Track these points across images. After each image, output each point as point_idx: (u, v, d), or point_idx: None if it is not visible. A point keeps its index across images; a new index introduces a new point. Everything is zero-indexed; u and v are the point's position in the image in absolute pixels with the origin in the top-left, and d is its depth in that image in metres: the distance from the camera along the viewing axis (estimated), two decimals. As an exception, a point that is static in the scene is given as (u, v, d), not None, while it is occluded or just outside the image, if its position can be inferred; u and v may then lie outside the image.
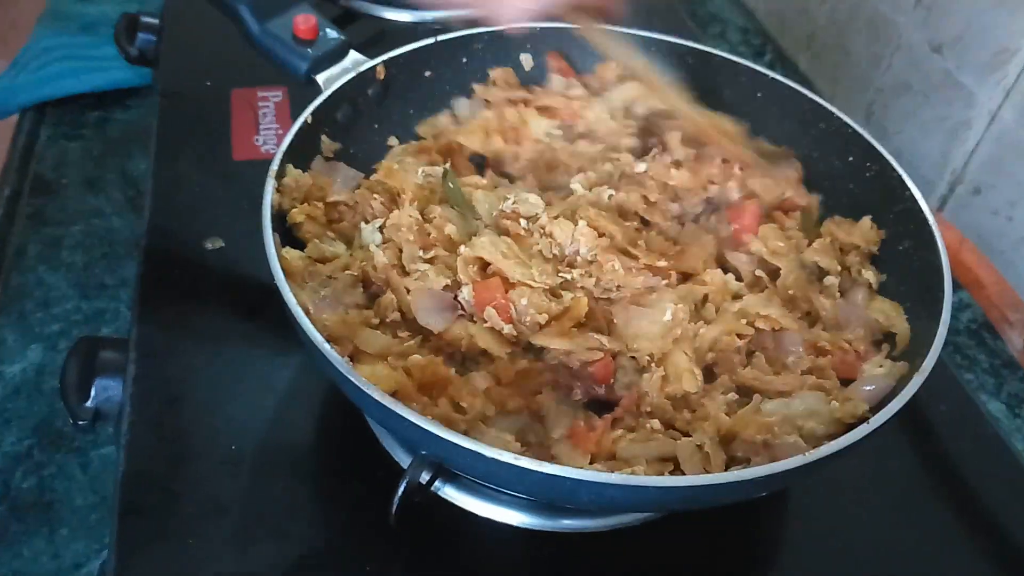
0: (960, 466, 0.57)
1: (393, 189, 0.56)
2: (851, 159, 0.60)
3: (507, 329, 0.48)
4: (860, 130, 0.60)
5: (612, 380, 0.49)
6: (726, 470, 0.43)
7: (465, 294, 0.49)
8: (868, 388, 0.47)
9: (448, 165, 0.57)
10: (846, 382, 0.49)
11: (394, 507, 0.43)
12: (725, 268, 0.55)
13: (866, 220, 0.58)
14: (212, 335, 0.58)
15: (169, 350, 0.56)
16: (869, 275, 0.55)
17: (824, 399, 0.46)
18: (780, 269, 0.54)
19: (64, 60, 0.84)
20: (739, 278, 0.54)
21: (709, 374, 0.50)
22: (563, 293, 0.49)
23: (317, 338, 0.40)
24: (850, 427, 0.45)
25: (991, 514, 0.54)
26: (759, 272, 0.54)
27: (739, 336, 0.50)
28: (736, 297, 0.53)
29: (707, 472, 0.42)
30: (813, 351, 0.50)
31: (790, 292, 0.53)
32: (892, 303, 0.54)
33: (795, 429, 0.45)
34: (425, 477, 0.44)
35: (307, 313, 0.42)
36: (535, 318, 0.48)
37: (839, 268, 0.55)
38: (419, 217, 0.53)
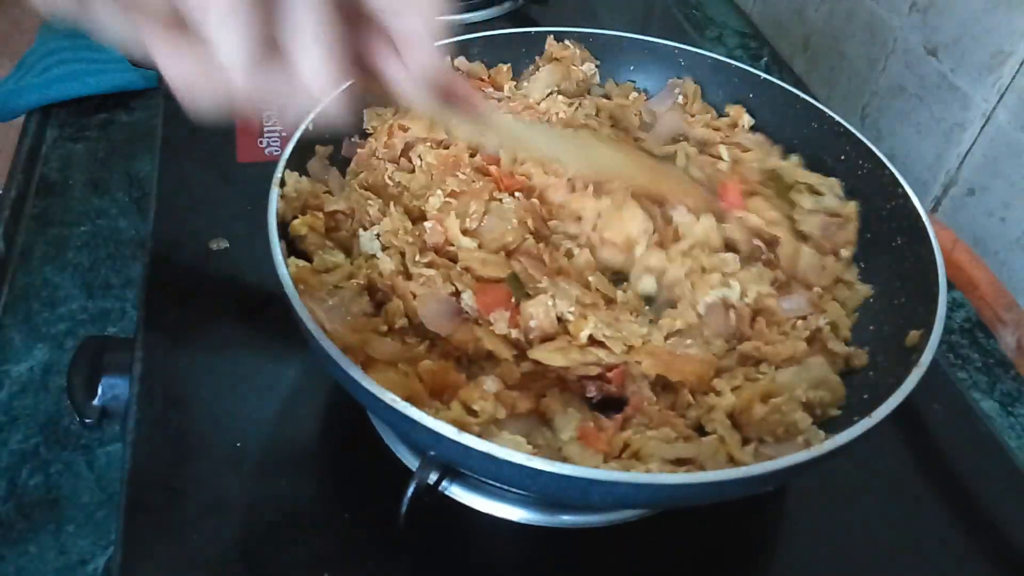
0: (954, 464, 0.58)
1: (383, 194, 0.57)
2: (843, 158, 0.61)
3: (514, 333, 0.49)
4: (851, 128, 0.61)
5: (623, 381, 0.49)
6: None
7: (467, 299, 0.50)
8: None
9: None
10: None
11: (403, 508, 0.44)
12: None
13: (832, 181, 0.59)
14: (217, 335, 0.59)
15: (174, 349, 0.57)
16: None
17: (830, 365, 0.48)
18: (779, 238, 0.55)
19: (69, 63, 0.84)
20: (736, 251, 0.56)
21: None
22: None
23: (333, 350, 0.41)
24: (852, 408, 0.46)
25: (985, 512, 0.55)
26: (756, 242, 0.55)
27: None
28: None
29: (732, 466, 0.43)
30: (818, 310, 0.52)
31: (790, 258, 0.54)
32: None
33: (800, 406, 0.46)
34: (433, 478, 0.45)
35: (321, 326, 0.42)
36: (542, 324, 0.49)
37: None
38: (409, 224, 0.54)
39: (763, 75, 0.66)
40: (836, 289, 0.55)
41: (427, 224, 0.54)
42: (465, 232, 0.53)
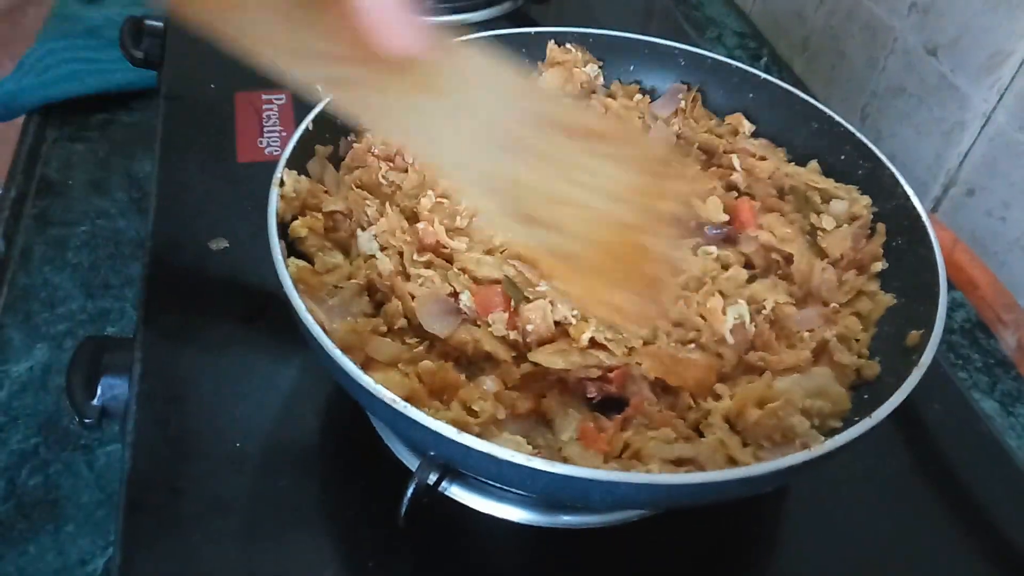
0: (954, 464, 0.58)
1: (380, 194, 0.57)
2: (843, 158, 0.61)
3: (512, 335, 0.49)
4: (851, 128, 0.61)
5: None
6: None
7: (465, 300, 0.50)
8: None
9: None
10: None
11: (403, 508, 0.44)
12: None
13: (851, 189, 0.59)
14: (217, 334, 0.58)
15: (174, 349, 0.57)
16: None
17: (835, 376, 0.48)
18: (792, 255, 0.55)
19: (69, 63, 0.84)
20: (752, 267, 0.56)
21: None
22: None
23: (333, 350, 0.40)
24: (852, 408, 0.46)
25: (985, 512, 0.55)
26: (775, 256, 0.55)
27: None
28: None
29: (732, 466, 0.43)
30: (829, 324, 0.52)
31: (805, 274, 0.54)
32: None
33: (798, 410, 0.45)
34: (433, 478, 0.45)
35: (322, 326, 0.42)
36: (539, 328, 0.49)
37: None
38: (406, 224, 0.54)
39: (763, 75, 0.66)
40: (858, 302, 0.54)
41: (420, 225, 0.54)
42: (457, 231, 0.53)
